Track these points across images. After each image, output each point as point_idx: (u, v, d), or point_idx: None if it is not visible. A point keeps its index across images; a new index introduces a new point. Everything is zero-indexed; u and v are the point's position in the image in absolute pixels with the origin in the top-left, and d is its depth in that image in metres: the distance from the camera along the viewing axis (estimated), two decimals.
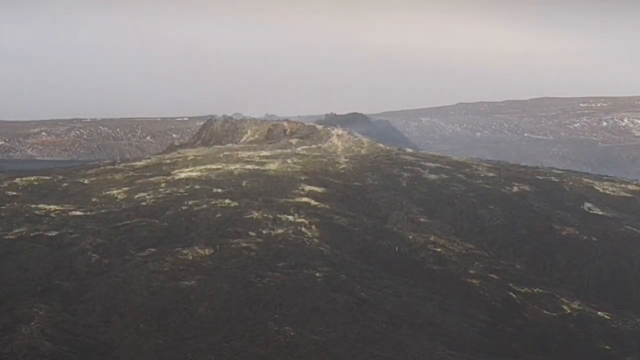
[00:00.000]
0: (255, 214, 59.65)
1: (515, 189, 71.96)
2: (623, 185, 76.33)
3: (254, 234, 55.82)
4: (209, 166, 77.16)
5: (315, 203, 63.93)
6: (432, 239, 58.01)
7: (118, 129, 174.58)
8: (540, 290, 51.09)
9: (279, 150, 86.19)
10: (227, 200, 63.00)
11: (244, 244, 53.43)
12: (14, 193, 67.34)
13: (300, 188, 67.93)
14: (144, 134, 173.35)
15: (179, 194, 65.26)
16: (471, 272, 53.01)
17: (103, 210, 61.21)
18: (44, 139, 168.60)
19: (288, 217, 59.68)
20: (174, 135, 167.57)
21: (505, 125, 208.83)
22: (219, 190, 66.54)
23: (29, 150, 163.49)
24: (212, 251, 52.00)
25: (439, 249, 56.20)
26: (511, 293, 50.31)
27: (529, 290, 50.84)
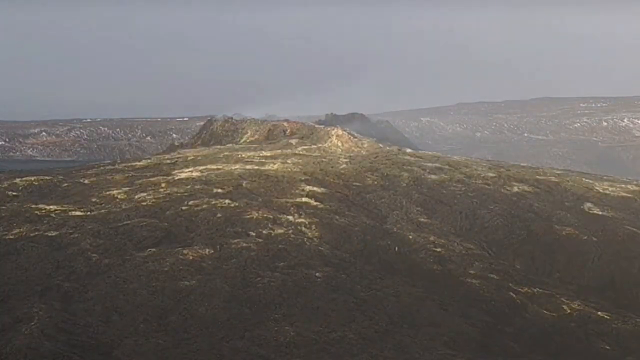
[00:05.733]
0: (255, 214, 59.66)
1: (515, 189, 71.97)
2: (623, 185, 76.33)
3: (254, 234, 55.84)
4: (209, 166, 77.18)
5: (315, 203, 63.95)
6: (432, 239, 58.01)
7: (118, 129, 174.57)
8: (540, 290, 51.10)
9: (279, 151, 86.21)
10: (227, 200, 63.01)
11: (244, 244, 53.44)
12: (14, 193, 67.36)
13: (300, 188, 67.95)
14: (144, 134, 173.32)
15: (179, 194, 65.29)
16: (471, 272, 53.02)
17: (103, 210, 61.22)
18: (44, 139, 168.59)
19: (288, 217, 59.69)
20: (174, 135, 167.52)
21: (505, 125, 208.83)
22: (219, 190, 66.56)
23: (29, 150, 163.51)
24: (212, 251, 52.01)
25: (439, 249, 56.20)
26: (511, 293, 50.32)
27: (529, 290, 50.85)
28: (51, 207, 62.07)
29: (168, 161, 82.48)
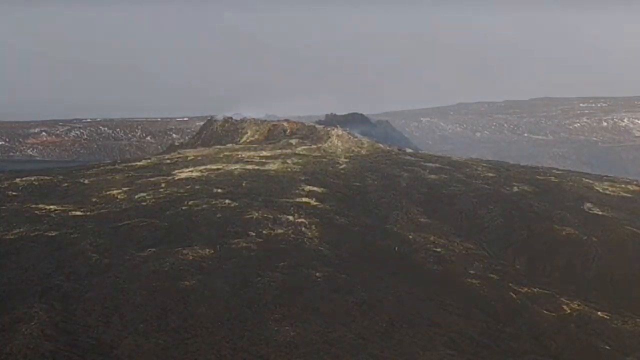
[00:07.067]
0: (255, 214, 59.65)
1: (515, 189, 71.98)
2: (623, 185, 76.38)
3: (254, 234, 55.83)
4: (209, 166, 77.22)
5: (315, 203, 63.95)
6: (432, 239, 58.01)
7: (118, 129, 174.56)
8: (540, 290, 51.12)
9: (279, 151, 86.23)
10: (227, 200, 63.02)
11: (244, 244, 53.44)
12: (14, 193, 67.38)
13: (300, 188, 67.95)
14: (144, 134, 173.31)
15: (179, 194, 65.31)
16: (471, 272, 53.02)
17: (103, 210, 61.23)
18: (44, 139, 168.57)
19: (288, 217, 59.68)
20: (174, 135, 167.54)
21: (505, 125, 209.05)
22: (219, 190, 66.57)
23: (29, 150, 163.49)
24: (212, 251, 52.00)
25: (439, 249, 56.21)
26: (511, 293, 50.32)
27: (529, 290, 50.85)
28: (51, 207, 62.07)
29: (168, 161, 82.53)
